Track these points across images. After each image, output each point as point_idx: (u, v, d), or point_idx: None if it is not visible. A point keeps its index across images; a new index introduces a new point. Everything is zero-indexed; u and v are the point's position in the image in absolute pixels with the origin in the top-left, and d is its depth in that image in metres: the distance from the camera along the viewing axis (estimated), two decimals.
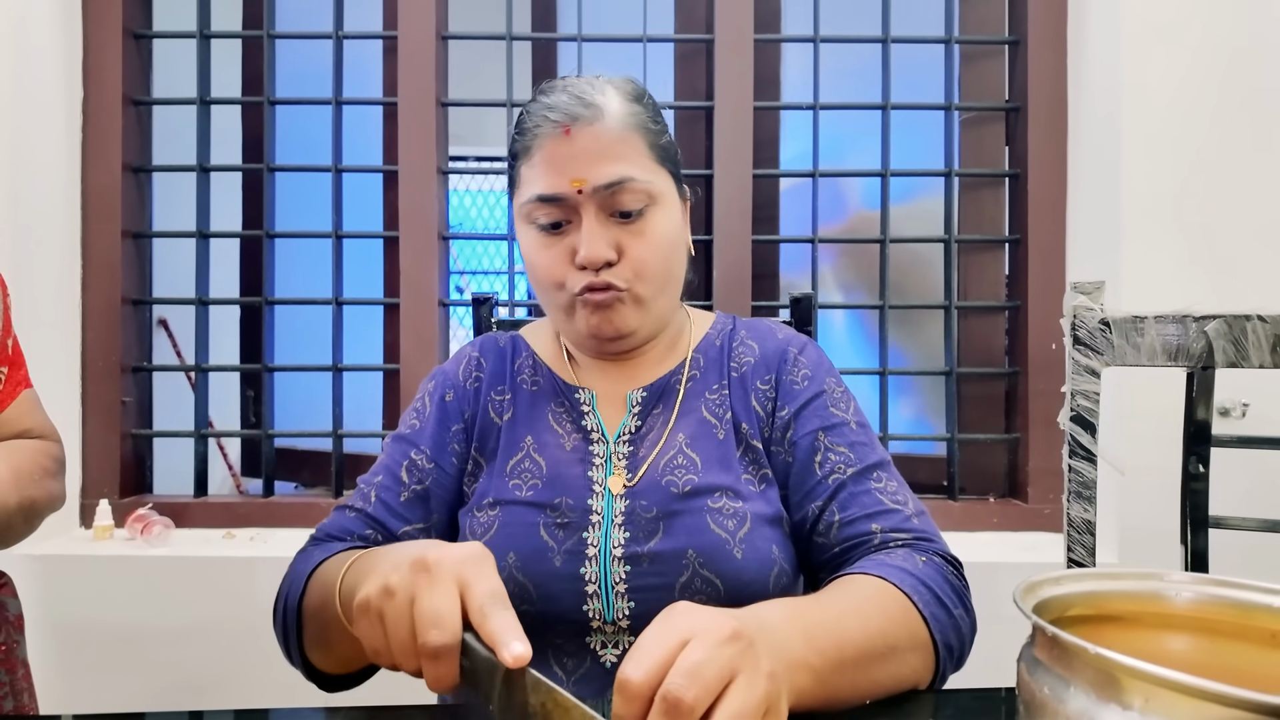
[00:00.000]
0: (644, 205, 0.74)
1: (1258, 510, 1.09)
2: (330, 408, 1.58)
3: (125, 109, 1.55)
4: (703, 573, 0.70)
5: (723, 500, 0.73)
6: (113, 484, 1.54)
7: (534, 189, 0.74)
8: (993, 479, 1.61)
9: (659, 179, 0.76)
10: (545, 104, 0.75)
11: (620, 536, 0.72)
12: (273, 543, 1.47)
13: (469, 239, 3.38)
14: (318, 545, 0.74)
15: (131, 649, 1.40)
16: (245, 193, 1.78)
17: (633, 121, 0.75)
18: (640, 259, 0.74)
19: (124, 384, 1.56)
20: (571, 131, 0.73)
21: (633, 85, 0.79)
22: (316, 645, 0.67)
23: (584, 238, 0.73)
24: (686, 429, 0.78)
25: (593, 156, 0.72)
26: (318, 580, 0.66)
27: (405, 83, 1.55)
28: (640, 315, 0.76)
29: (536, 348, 0.85)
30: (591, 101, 0.74)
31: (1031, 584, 0.51)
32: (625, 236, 0.74)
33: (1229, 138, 1.35)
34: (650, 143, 0.76)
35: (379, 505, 0.76)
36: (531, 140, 0.75)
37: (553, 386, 0.82)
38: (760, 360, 0.82)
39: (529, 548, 0.72)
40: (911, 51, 1.59)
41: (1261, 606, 0.51)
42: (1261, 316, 0.90)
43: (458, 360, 0.85)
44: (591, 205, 0.73)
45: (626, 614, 0.71)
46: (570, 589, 0.71)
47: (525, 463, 0.77)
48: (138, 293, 1.60)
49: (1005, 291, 1.61)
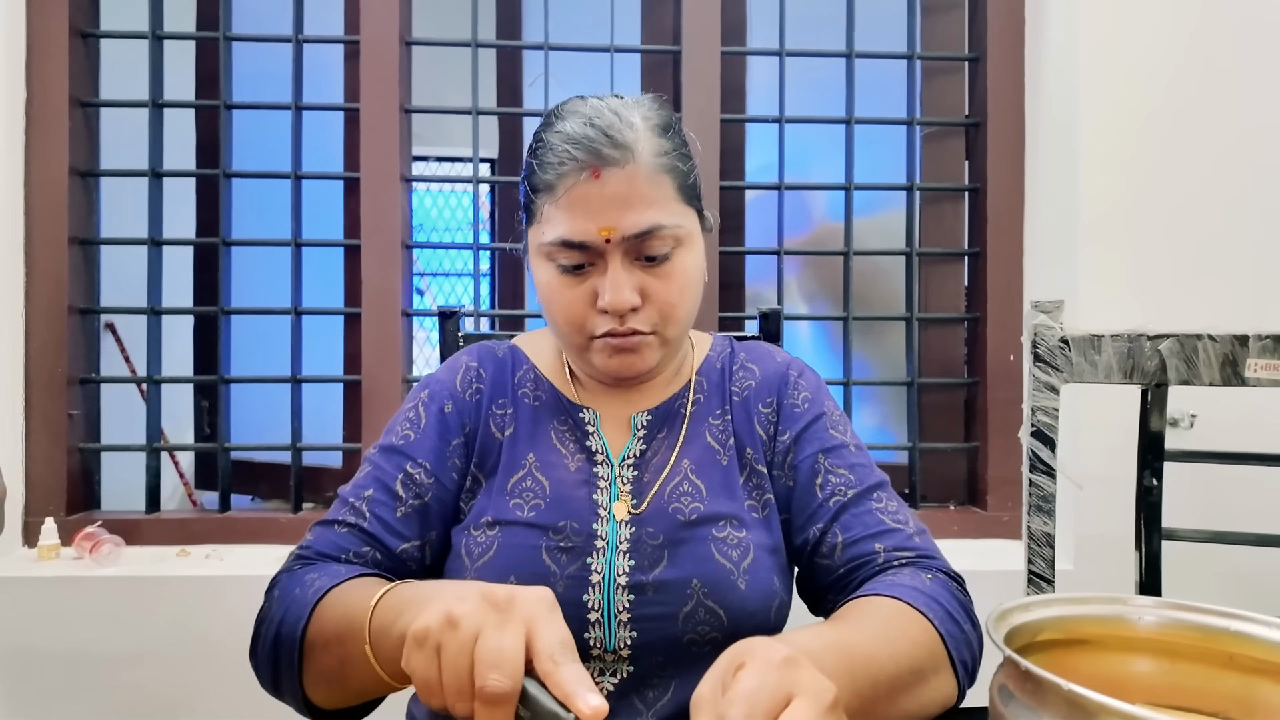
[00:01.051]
0: (671, 249, 0.72)
1: (1202, 518, 1.13)
2: (289, 420, 1.55)
3: (72, 110, 1.50)
4: (706, 603, 0.70)
5: (727, 530, 0.73)
6: (59, 501, 1.48)
7: (558, 231, 0.70)
8: (953, 487, 1.64)
9: (687, 220, 0.73)
10: (569, 136, 0.69)
11: (625, 564, 0.71)
12: (230, 560, 1.43)
13: (432, 247, 3.32)
14: (308, 566, 0.68)
15: (80, 674, 1.35)
16: (200, 199, 1.73)
17: (664, 163, 0.71)
18: (667, 302, 0.72)
19: (71, 396, 1.50)
20: (601, 175, 0.69)
21: (660, 111, 0.75)
22: (323, 680, 0.62)
23: (609, 284, 0.70)
24: (691, 455, 0.77)
25: (623, 203, 0.69)
26: (332, 608, 0.61)
27: (367, 88, 1.53)
28: (662, 354, 0.75)
29: (536, 360, 0.82)
30: (622, 141, 0.69)
31: (1003, 611, 0.52)
32: (651, 281, 0.72)
33: (1183, 154, 1.40)
34: (679, 184, 0.72)
35: (375, 521, 0.71)
36: (555, 178, 0.70)
37: (556, 403, 0.79)
38: (761, 383, 0.81)
39: (530, 571, 0.70)
40: (875, 67, 1.62)
41: (1220, 630, 0.53)
42: (1212, 336, 0.93)
43: (454, 369, 0.81)
44: (618, 252, 0.70)
45: (628, 644, 0.69)
46: (572, 616, 0.67)
47: (527, 481, 0.75)
48: (85, 301, 1.54)
49: (965, 304, 1.64)
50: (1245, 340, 0.92)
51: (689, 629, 0.70)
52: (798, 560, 0.78)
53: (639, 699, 0.70)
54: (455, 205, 4.52)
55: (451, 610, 0.47)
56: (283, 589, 0.66)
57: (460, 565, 0.72)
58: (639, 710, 0.70)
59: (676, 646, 0.70)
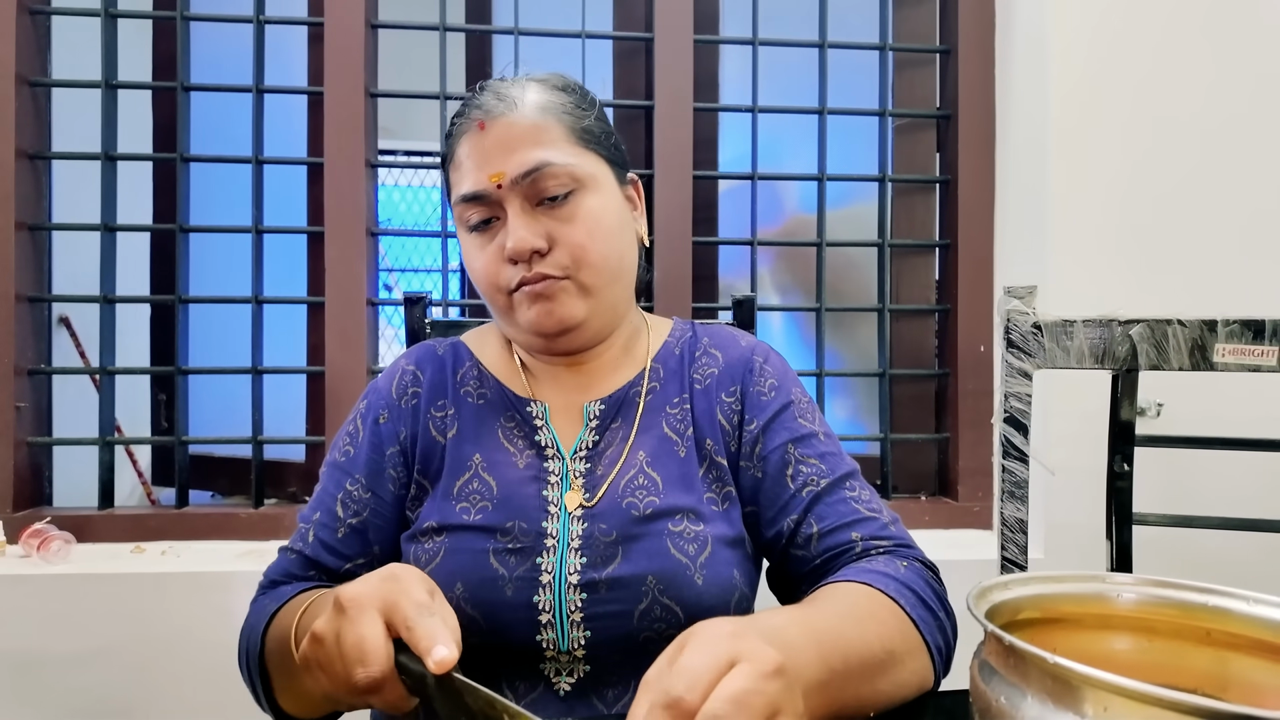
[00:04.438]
0: (570, 189, 0.72)
1: (1166, 503, 1.15)
2: (250, 413, 1.50)
3: (20, 90, 1.43)
4: (662, 600, 0.67)
5: (684, 523, 0.71)
6: (5, 496, 1.42)
7: (459, 190, 0.73)
8: (924, 478, 1.64)
9: (585, 161, 0.73)
10: (466, 105, 0.74)
11: (576, 562, 0.69)
12: (187, 556, 1.38)
13: (399, 235, 3.28)
14: (266, 593, 0.72)
15: (28, 676, 1.29)
16: (157, 184, 1.67)
17: (549, 108, 0.73)
18: (575, 243, 0.71)
19: (19, 388, 1.44)
20: (486, 126, 0.71)
21: (558, 77, 0.78)
22: (285, 694, 0.65)
23: (509, 228, 0.71)
24: (647, 446, 0.74)
25: (507, 147, 0.71)
26: (275, 630, 0.65)
27: (332, 71, 1.49)
28: (587, 305, 0.73)
29: (482, 356, 0.80)
30: (505, 95, 0.73)
31: (983, 589, 0.51)
32: (554, 224, 0.71)
33: (1152, 146, 1.41)
34: (571, 126, 0.73)
35: (316, 545, 0.73)
36: (454, 143, 0.75)
37: (501, 399, 0.77)
38: (724, 371, 0.79)
39: (477, 577, 0.67)
40: (847, 58, 1.61)
41: (1198, 606, 0.53)
42: (1181, 321, 0.94)
43: (391, 375, 0.80)
44: (515, 197, 0.71)
45: (582, 644, 0.67)
46: (522, 618, 0.67)
47: (474, 484, 0.72)
48: (34, 289, 1.48)
49: (935, 295, 1.64)
50: (1214, 325, 0.93)
51: (645, 626, 0.67)
52: (770, 553, 0.76)
53: (598, 698, 0.68)
54: (424, 200, 4.46)
55: (314, 629, 0.52)
56: (248, 617, 0.71)
57: None
58: (599, 710, 0.68)
59: (633, 645, 0.68)
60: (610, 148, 0.77)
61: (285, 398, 1.59)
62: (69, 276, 1.56)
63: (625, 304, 0.79)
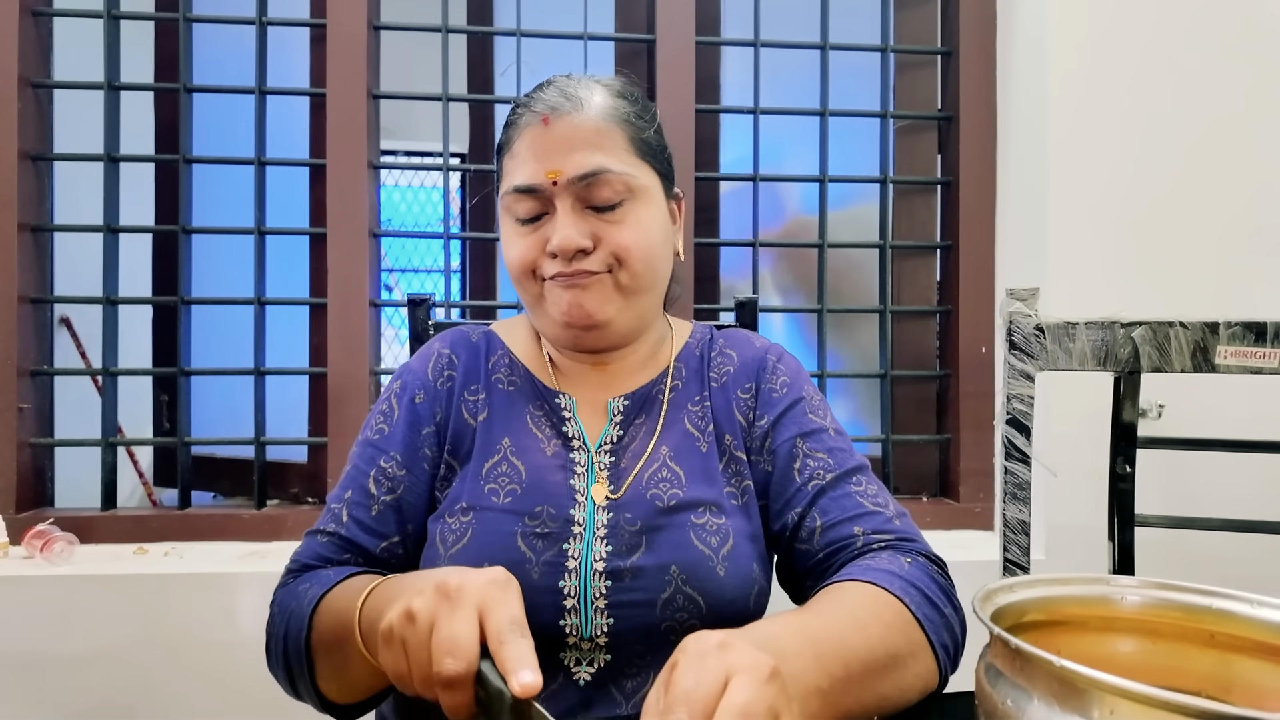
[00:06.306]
0: (622, 199, 0.73)
1: (1167, 504, 1.15)
2: (252, 414, 1.50)
3: (23, 92, 1.44)
4: (685, 589, 0.69)
5: (706, 516, 0.72)
6: (8, 497, 1.42)
7: (512, 180, 0.73)
8: (925, 479, 1.65)
9: (640, 173, 0.74)
10: (529, 98, 0.75)
11: (602, 550, 0.70)
12: (190, 557, 1.38)
13: (400, 236, 3.28)
14: (297, 577, 0.71)
15: (30, 677, 1.29)
16: (159, 186, 1.67)
17: (614, 115, 0.74)
18: (619, 244, 0.72)
19: (21, 389, 1.44)
20: (550, 122, 0.72)
21: (622, 83, 0.78)
22: (332, 680, 0.65)
23: (557, 225, 0.71)
24: (670, 441, 0.76)
25: (568, 147, 0.71)
26: (328, 613, 0.64)
27: (335, 73, 1.49)
28: (619, 304, 0.74)
29: (512, 346, 0.82)
30: (573, 94, 0.73)
31: (988, 592, 0.51)
32: (601, 225, 0.72)
33: (1152, 147, 1.42)
34: (631, 136, 0.74)
35: (352, 524, 0.72)
36: (514, 133, 0.75)
37: (531, 388, 0.79)
38: (740, 368, 0.81)
39: (505, 558, 0.68)
40: (849, 60, 1.61)
41: (1202, 608, 0.53)
42: (1183, 324, 0.94)
43: (425, 357, 0.80)
44: (567, 196, 0.72)
45: (605, 630, 0.68)
46: (548, 603, 0.68)
47: (503, 466, 0.74)
48: (37, 290, 1.48)
49: (936, 296, 1.65)
50: (1215, 328, 0.93)
51: (667, 616, 0.68)
52: (777, 546, 0.77)
53: (617, 689, 0.69)
54: (425, 201, 4.46)
55: (409, 606, 0.50)
56: (280, 604, 0.69)
57: (435, 553, 0.71)
58: (617, 701, 0.68)
59: (654, 634, 0.68)
60: (664, 162, 0.79)
61: (287, 399, 1.59)
62: (71, 278, 1.56)
63: (653, 313, 0.81)
